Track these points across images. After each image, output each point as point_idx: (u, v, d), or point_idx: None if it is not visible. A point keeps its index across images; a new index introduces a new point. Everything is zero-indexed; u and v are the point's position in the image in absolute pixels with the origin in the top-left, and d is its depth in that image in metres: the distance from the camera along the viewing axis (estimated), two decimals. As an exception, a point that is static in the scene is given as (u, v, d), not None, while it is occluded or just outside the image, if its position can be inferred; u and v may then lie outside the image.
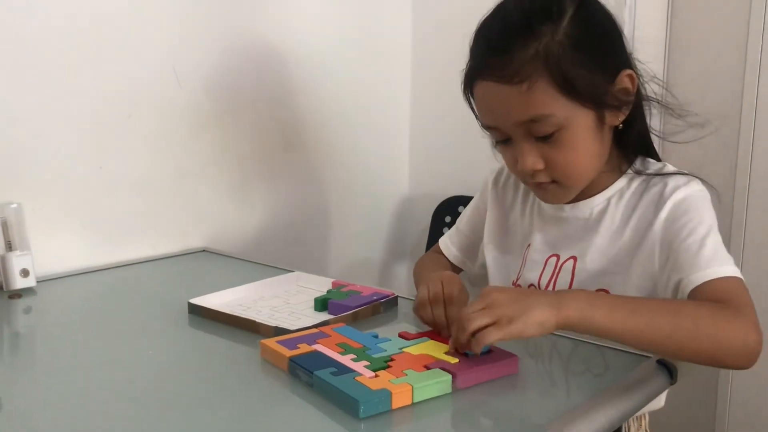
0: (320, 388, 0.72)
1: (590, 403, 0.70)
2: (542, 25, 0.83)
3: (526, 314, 0.72)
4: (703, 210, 0.88)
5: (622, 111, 0.89)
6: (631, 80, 0.88)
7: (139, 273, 1.29)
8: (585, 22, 0.85)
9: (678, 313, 0.77)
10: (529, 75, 0.83)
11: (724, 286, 0.81)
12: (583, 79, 0.84)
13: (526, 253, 1.02)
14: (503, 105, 0.86)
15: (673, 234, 0.87)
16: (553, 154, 0.88)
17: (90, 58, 1.26)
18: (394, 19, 1.87)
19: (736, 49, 1.49)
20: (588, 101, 0.85)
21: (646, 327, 0.75)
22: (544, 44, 0.82)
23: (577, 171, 0.90)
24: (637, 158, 0.96)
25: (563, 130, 0.86)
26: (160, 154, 1.39)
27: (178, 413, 0.71)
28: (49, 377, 0.81)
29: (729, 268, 0.82)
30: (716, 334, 0.75)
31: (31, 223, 1.18)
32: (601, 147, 0.91)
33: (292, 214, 1.66)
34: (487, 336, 0.71)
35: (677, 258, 0.85)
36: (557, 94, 0.84)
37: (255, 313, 0.99)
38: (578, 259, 0.95)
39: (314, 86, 1.67)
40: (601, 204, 0.96)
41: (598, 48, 0.86)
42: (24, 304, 1.10)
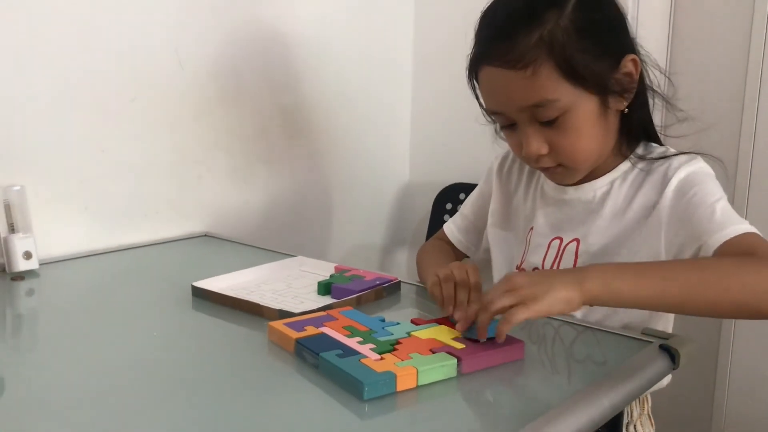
0: (326, 369, 0.73)
1: (593, 387, 0.71)
2: (547, 10, 0.84)
3: (550, 292, 0.71)
4: (708, 183, 0.89)
5: (626, 96, 0.90)
6: (635, 65, 0.89)
7: (141, 257, 1.29)
8: (589, 8, 0.86)
9: (703, 268, 0.76)
10: (533, 60, 0.83)
11: (745, 241, 0.81)
12: (587, 64, 0.84)
13: (529, 236, 1.03)
14: (508, 90, 0.87)
15: (681, 209, 0.88)
16: (557, 138, 0.88)
17: (93, 41, 1.25)
18: (397, 5, 1.87)
19: (738, 44, 1.49)
20: (592, 87, 0.86)
21: (672, 286, 0.74)
22: (548, 30, 0.83)
23: (582, 154, 0.91)
24: (641, 143, 0.97)
25: (567, 114, 0.86)
26: (162, 138, 1.38)
27: (183, 394, 0.71)
28: (52, 359, 0.81)
29: (744, 226, 0.83)
30: (747, 283, 0.74)
31: (34, 205, 1.18)
32: (605, 131, 0.91)
33: (294, 198, 1.67)
34: (516, 314, 0.71)
35: (692, 229, 0.86)
36: (561, 79, 0.84)
37: (258, 296, 0.99)
38: (581, 241, 0.96)
39: (317, 72, 1.66)
40: (605, 187, 0.96)
41: (602, 33, 0.87)
42: (26, 286, 1.10)
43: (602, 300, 0.73)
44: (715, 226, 0.83)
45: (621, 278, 0.73)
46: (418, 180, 1.97)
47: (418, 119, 1.95)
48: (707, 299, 0.74)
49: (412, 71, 1.93)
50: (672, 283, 0.74)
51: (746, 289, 0.74)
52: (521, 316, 0.71)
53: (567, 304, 0.72)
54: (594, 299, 0.73)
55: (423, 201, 1.87)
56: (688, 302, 0.74)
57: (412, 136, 1.97)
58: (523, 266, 1.03)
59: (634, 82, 0.89)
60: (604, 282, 0.73)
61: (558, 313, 0.72)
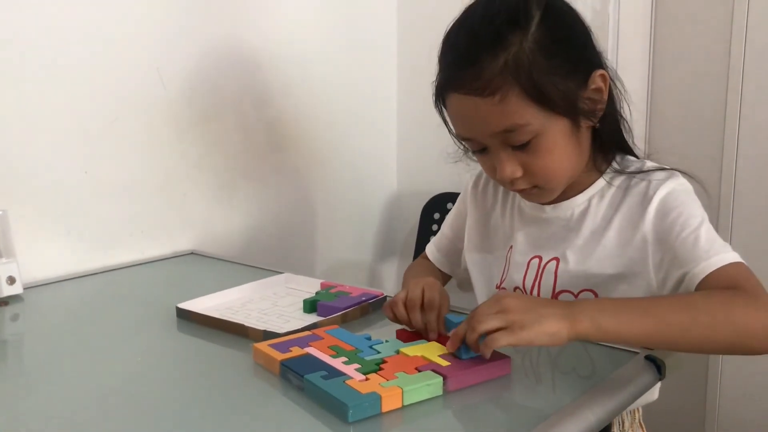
0: (311, 391, 0.72)
1: (579, 402, 0.71)
2: (510, 33, 0.82)
3: (538, 323, 0.71)
4: (689, 203, 0.88)
5: (597, 112, 0.88)
6: (603, 80, 0.87)
7: (127, 277, 1.28)
8: (553, 26, 0.84)
9: (692, 307, 0.76)
10: (500, 86, 0.81)
11: (731, 272, 0.80)
12: (555, 86, 0.83)
13: (508, 254, 1.01)
14: (477, 117, 0.85)
15: (665, 231, 0.87)
16: (530, 160, 0.87)
17: (74, 62, 1.25)
18: (379, 17, 1.87)
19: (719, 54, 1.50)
20: (561, 108, 0.84)
21: (662, 326, 0.74)
22: (513, 54, 0.81)
23: (556, 175, 0.89)
24: (616, 156, 0.96)
25: (539, 137, 0.85)
26: (146, 157, 1.38)
27: (168, 419, 0.71)
28: (38, 384, 0.81)
29: (730, 255, 0.82)
30: (735, 321, 0.74)
31: (17, 229, 1.17)
32: (578, 149, 0.90)
33: (280, 214, 1.66)
34: (498, 340, 0.71)
35: (675, 253, 0.85)
36: (530, 104, 0.83)
37: (244, 316, 0.98)
38: (560, 260, 0.94)
39: (300, 86, 1.66)
40: (583, 204, 0.95)
41: (568, 51, 0.85)
42: (11, 311, 1.09)
43: (590, 337, 0.74)
44: (700, 254, 0.82)
45: (612, 317, 0.73)
46: (405, 190, 1.97)
47: (404, 128, 1.95)
48: (696, 340, 0.75)
49: (396, 80, 1.93)
50: (662, 324, 0.74)
51: (735, 329, 0.74)
52: (503, 342, 0.71)
53: (552, 337, 0.72)
54: (582, 336, 0.73)
55: (411, 211, 1.87)
56: (679, 342, 0.76)
57: (399, 145, 1.97)
58: (503, 285, 1.01)
59: (603, 98, 0.88)
60: (593, 320, 0.73)
61: (540, 344, 0.72)
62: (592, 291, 0.92)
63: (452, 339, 0.77)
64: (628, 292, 0.90)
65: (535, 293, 0.96)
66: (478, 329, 0.73)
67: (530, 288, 0.97)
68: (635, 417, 1.01)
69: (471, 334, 0.74)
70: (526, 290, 0.97)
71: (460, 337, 0.76)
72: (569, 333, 0.72)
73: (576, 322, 0.72)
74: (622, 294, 0.90)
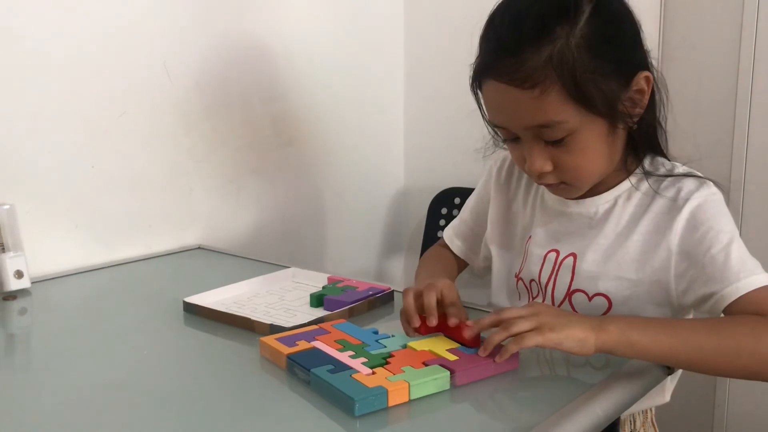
0: (317, 385, 0.72)
1: (587, 396, 0.70)
2: (557, 25, 0.78)
3: (567, 328, 0.72)
4: (720, 216, 0.85)
5: (636, 114, 0.85)
6: (647, 82, 0.84)
7: (134, 272, 1.28)
8: (602, 23, 0.80)
9: (719, 332, 0.76)
10: (541, 80, 0.79)
11: (760, 297, 0.79)
12: (596, 86, 0.80)
13: (527, 245, 1.00)
14: (513, 107, 0.83)
15: (693, 244, 0.84)
16: (563, 157, 0.85)
17: (81, 56, 1.25)
18: (387, 11, 1.86)
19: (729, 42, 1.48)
20: (601, 109, 0.81)
21: (689, 347, 0.74)
22: (558, 48, 0.78)
23: (587, 173, 0.87)
24: (647, 157, 0.93)
25: (574, 135, 0.83)
26: (153, 151, 1.38)
27: (175, 412, 0.71)
28: (45, 378, 0.81)
29: (761, 277, 0.80)
30: (760, 351, 0.74)
31: (24, 224, 1.17)
32: (612, 149, 0.87)
33: (287, 209, 1.66)
34: (528, 339, 0.72)
35: (703, 270, 0.83)
36: (569, 101, 0.80)
37: (250, 310, 0.98)
38: (578, 257, 0.93)
39: (307, 80, 1.66)
40: (608, 203, 0.92)
41: (614, 51, 0.82)
42: (19, 305, 1.09)
43: (616, 349, 0.74)
44: (729, 275, 0.81)
45: (640, 332, 0.74)
46: (412, 185, 1.97)
47: (411, 123, 1.95)
48: (721, 365, 0.75)
49: (404, 74, 1.92)
50: (688, 346, 0.74)
51: (760, 358, 0.74)
52: (533, 341, 0.72)
53: (580, 344, 0.72)
54: (608, 347, 0.73)
55: (418, 206, 1.86)
56: (702, 365, 0.76)
57: (406, 140, 1.96)
58: (521, 276, 1.00)
59: (644, 100, 0.85)
60: (623, 333, 0.73)
61: (568, 349, 0.72)
62: (606, 297, 0.90)
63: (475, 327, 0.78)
64: (645, 298, 0.88)
65: (550, 288, 0.95)
66: (511, 330, 0.73)
67: (546, 282, 0.96)
68: (647, 416, 1.00)
69: (501, 333, 0.74)
70: (542, 283, 0.96)
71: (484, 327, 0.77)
72: (596, 342, 0.72)
73: (604, 332, 0.73)
74: (636, 299, 0.89)
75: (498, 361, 0.75)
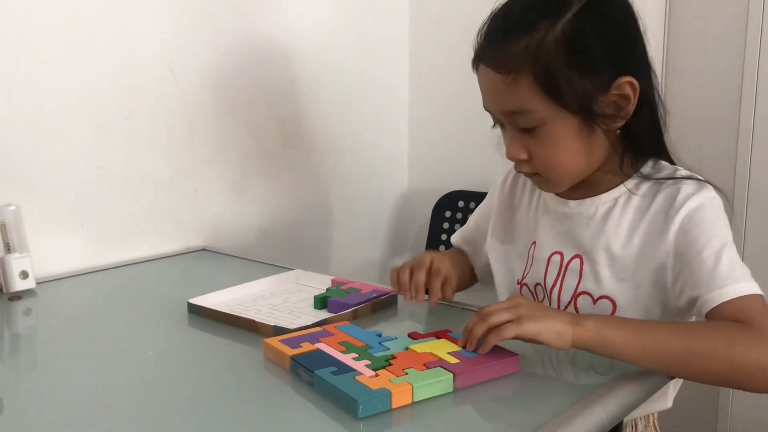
0: (320, 387, 0.72)
1: (590, 399, 0.70)
2: (541, 19, 0.81)
3: (546, 320, 0.74)
4: (717, 221, 0.85)
5: (619, 117, 0.86)
6: (632, 88, 0.83)
7: (138, 273, 1.29)
8: (588, 22, 0.81)
9: (694, 336, 0.76)
10: (516, 68, 0.82)
11: (743, 305, 0.78)
12: (569, 82, 0.81)
13: (531, 251, 1.00)
14: (493, 91, 0.87)
15: (686, 246, 0.84)
16: (535, 147, 0.87)
17: (87, 58, 1.26)
18: (392, 14, 1.87)
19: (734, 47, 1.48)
20: (572, 106, 0.83)
21: (661, 348, 0.75)
22: (536, 40, 0.81)
23: (559, 168, 0.88)
24: (649, 161, 0.92)
25: (544, 126, 0.84)
26: (158, 153, 1.38)
27: (178, 413, 0.71)
28: (50, 378, 0.81)
29: (748, 285, 0.80)
30: (731, 359, 0.74)
31: (30, 224, 1.18)
32: (588, 149, 0.87)
33: (292, 211, 1.66)
34: (507, 330, 0.73)
35: (692, 272, 0.82)
36: (540, 92, 0.82)
37: (254, 312, 0.99)
38: (584, 259, 0.92)
39: (313, 83, 1.66)
40: (608, 203, 0.92)
41: (597, 51, 0.82)
42: (24, 305, 1.10)
43: (591, 345, 0.75)
44: (716, 280, 0.80)
45: (615, 331, 0.75)
46: (417, 188, 1.97)
47: (416, 126, 1.95)
48: (692, 369, 0.76)
49: (408, 78, 1.92)
50: (660, 349, 0.75)
51: (731, 365, 0.74)
52: (511, 332, 0.74)
53: (558, 337, 0.74)
54: (583, 342, 0.75)
55: (422, 209, 1.87)
56: (673, 368, 0.77)
57: (411, 143, 1.96)
58: (525, 281, 1.00)
59: (628, 106, 0.84)
60: (598, 330, 0.75)
61: (547, 341, 0.74)
62: (611, 299, 0.90)
63: (464, 333, 0.79)
64: (649, 300, 0.88)
65: (556, 291, 0.94)
66: (489, 321, 0.75)
67: (552, 285, 0.95)
68: (650, 420, 1.00)
69: (481, 326, 0.76)
70: (547, 287, 0.96)
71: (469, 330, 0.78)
72: (573, 336, 0.74)
73: (581, 327, 0.74)
74: (641, 301, 0.88)
75: (481, 353, 0.77)
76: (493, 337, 0.75)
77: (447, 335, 0.83)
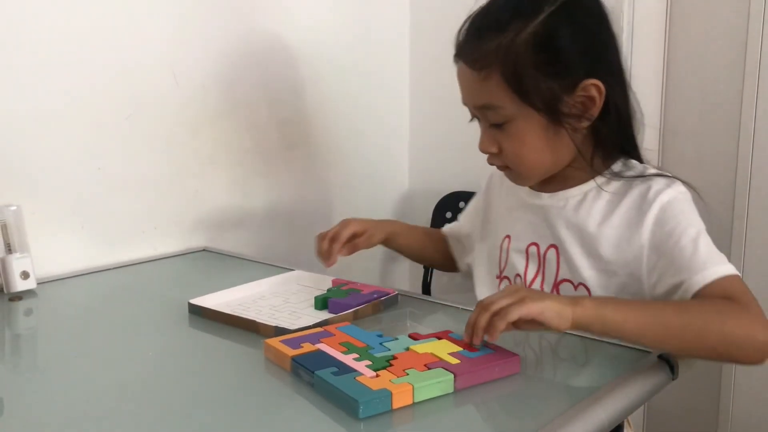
0: (321, 388, 0.72)
1: (591, 400, 0.70)
2: (513, 21, 0.87)
3: (547, 300, 0.76)
4: (689, 212, 0.89)
5: (584, 119, 0.90)
6: (597, 90, 0.88)
7: (139, 274, 1.29)
8: (557, 26, 0.86)
9: (687, 311, 0.79)
10: (487, 65, 0.88)
11: (726, 285, 0.82)
12: (536, 81, 0.87)
13: (504, 244, 1.04)
14: (466, 86, 0.94)
15: (662, 238, 0.88)
16: (504, 142, 0.93)
17: (88, 58, 1.26)
18: (392, 16, 1.87)
19: (735, 46, 1.48)
20: (538, 104, 0.88)
21: (657, 325, 0.78)
22: (508, 39, 0.86)
23: (526, 163, 0.94)
24: (619, 160, 0.96)
25: (512, 122, 0.90)
26: (159, 153, 1.39)
27: (179, 413, 0.71)
28: (51, 379, 0.81)
29: (727, 267, 0.84)
30: (724, 330, 0.77)
31: (31, 225, 1.18)
32: (554, 146, 0.92)
33: (292, 212, 1.66)
34: (512, 312, 0.74)
35: (672, 261, 0.86)
36: (508, 90, 0.88)
37: (255, 312, 0.99)
38: (560, 248, 0.97)
39: (313, 84, 1.66)
40: (578, 196, 0.96)
41: (566, 53, 0.88)
42: (24, 306, 1.10)
43: (590, 324, 0.77)
44: (697, 265, 0.84)
45: (614, 310, 0.77)
46: (417, 189, 1.97)
47: (416, 127, 1.95)
48: (687, 343, 0.78)
49: (409, 79, 1.93)
50: (657, 325, 0.78)
51: (724, 338, 0.78)
52: (516, 313, 0.74)
53: (558, 315, 0.75)
54: (583, 321, 0.76)
55: (423, 210, 1.86)
56: (670, 343, 0.79)
57: (411, 144, 1.97)
58: (504, 274, 1.04)
59: (593, 108, 0.89)
60: (597, 309, 0.77)
61: (548, 320, 0.75)
62: (586, 287, 0.94)
63: (467, 329, 0.79)
64: (621, 290, 0.91)
65: (537, 282, 0.98)
66: (491, 309, 0.75)
67: (534, 276, 0.99)
68: None
69: (484, 315, 0.76)
70: (528, 278, 0.99)
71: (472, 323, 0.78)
72: (573, 315, 0.76)
73: (580, 307, 0.76)
74: (613, 289, 0.92)
75: (489, 341, 0.77)
76: (498, 321, 0.74)
77: (448, 336, 0.83)
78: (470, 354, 0.77)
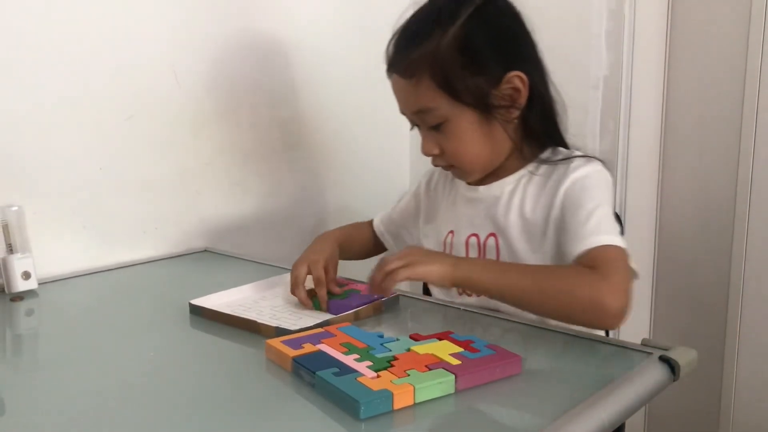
0: (322, 388, 0.72)
1: (591, 401, 0.70)
2: (435, 28, 0.95)
3: (433, 263, 0.88)
4: (597, 187, 0.96)
5: (514, 108, 0.98)
6: (521, 81, 0.96)
7: (140, 274, 1.29)
8: (475, 28, 0.95)
9: (546, 276, 0.88)
10: (417, 72, 0.96)
11: (600, 253, 0.88)
12: (464, 80, 0.94)
13: (448, 239, 1.10)
14: (401, 95, 1.02)
15: (568, 206, 0.95)
16: (443, 142, 1.00)
17: (89, 59, 1.26)
18: (393, 17, 1.86)
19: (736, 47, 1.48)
20: (469, 101, 0.96)
21: (515, 287, 0.87)
22: (432, 46, 0.95)
23: (468, 159, 1.01)
24: (548, 149, 1.04)
25: (448, 122, 0.98)
26: (160, 154, 1.39)
27: (180, 414, 0.71)
28: (52, 379, 0.81)
29: (609, 237, 0.89)
30: (573, 293, 0.84)
31: (32, 225, 1.18)
32: (490, 138, 1.00)
33: (293, 212, 1.66)
34: (400, 273, 0.86)
35: (567, 230, 0.94)
36: (439, 92, 0.95)
37: (256, 313, 0.99)
38: (498, 236, 1.02)
39: (314, 85, 1.66)
40: (512, 184, 1.04)
41: (485, 51, 0.96)
42: (26, 306, 1.10)
43: (465, 284, 0.90)
44: (583, 233, 0.90)
45: (479, 272, 0.88)
46: (418, 189, 1.96)
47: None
48: (536, 302, 0.87)
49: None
50: (512, 286, 0.87)
51: (570, 298, 0.85)
52: (403, 274, 0.86)
53: (440, 277, 0.87)
54: (460, 281, 0.88)
55: (424, 211, 1.86)
56: (521, 302, 0.88)
57: (412, 144, 1.96)
58: None
59: (520, 97, 0.97)
60: (468, 271, 0.88)
61: (432, 281, 0.90)
62: None
63: (369, 284, 0.90)
64: None
65: None
66: (384, 269, 0.87)
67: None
68: None
69: (378, 273, 0.88)
70: None
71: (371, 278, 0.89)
72: (453, 276, 0.87)
73: (457, 269, 0.87)
74: None
75: (386, 295, 0.94)
76: (388, 281, 0.86)
77: (449, 336, 0.83)
78: (471, 355, 0.77)
